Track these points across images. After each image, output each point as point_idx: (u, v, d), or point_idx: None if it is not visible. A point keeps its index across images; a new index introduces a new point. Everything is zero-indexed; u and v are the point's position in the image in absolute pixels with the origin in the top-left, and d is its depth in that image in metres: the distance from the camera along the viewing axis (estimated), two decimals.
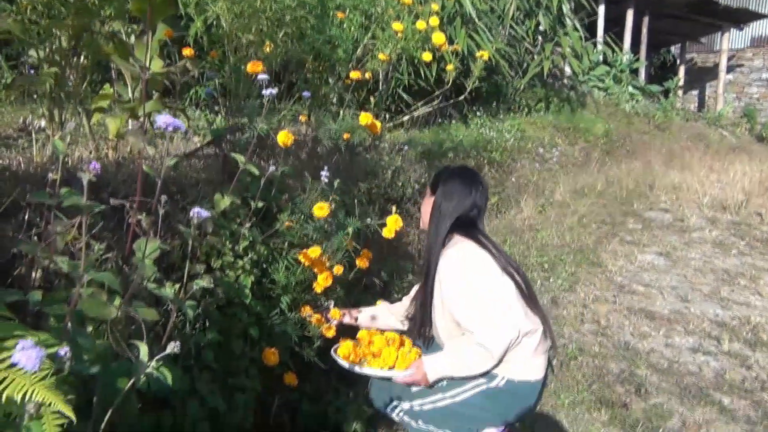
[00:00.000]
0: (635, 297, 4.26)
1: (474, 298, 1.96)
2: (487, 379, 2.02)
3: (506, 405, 2.06)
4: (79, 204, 1.15)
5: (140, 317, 1.28)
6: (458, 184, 2.16)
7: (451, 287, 2.02)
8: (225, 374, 1.88)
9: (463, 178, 2.18)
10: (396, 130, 5.68)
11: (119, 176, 2.14)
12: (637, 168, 8.62)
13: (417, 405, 2.10)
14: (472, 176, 2.21)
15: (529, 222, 5.81)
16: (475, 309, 1.96)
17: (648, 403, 2.86)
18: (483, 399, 2.04)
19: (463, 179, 2.18)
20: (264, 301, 2.12)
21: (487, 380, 2.02)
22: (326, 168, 2.25)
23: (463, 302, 1.98)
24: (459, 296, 2.00)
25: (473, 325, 1.95)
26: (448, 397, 2.07)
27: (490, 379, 2.02)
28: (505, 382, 2.02)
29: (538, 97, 9.17)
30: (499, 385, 2.02)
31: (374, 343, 2.17)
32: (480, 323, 1.94)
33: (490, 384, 2.02)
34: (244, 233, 2.05)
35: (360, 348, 2.16)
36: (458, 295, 2.00)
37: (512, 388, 2.02)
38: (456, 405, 2.05)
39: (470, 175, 2.22)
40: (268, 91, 1.97)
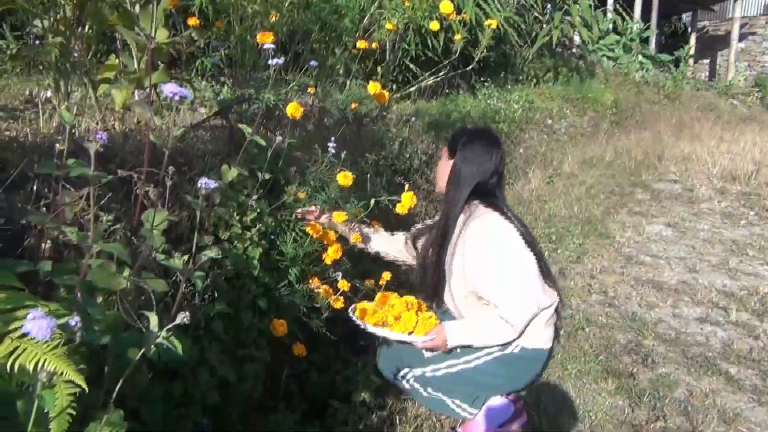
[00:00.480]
0: (643, 268, 4.25)
1: (500, 272, 1.96)
2: (501, 346, 2.04)
3: (518, 372, 2.08)
4: (87, 174, 1.15)
5: (149, 288, 1.28)
6: (479, 148, 2.11)
7: (478, 260, 2.01)
8: (234, 345, 1.89)
9: (484, 141, 2.12)
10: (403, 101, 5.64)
11: (126, 148, 2.14)
12: (646, 138, 8.55)
13: (429, 371, 2.11)
14: (492, 139, 2.15)
15: (536, 193, 5.79)
16: (501, 283, 1.96)
17: (655, 373, 2.88)
18: (497, 365, 2.05)
19: (483, 143, 2.12)
20: (272, 272, 2.12)
21: (502, 347, 2.04)
22: (333, 139, 2.24)
23: (489, 276, 1.98)
24: (485, 269, 1.99)
25: (497, 299, 1.95)
26: (462, 362, 2.08)
27: (504, 346, 2.04)
28: (519, 349, 2.03)
29: (547, 67, 9.07)
30: (514, 352, 2.04)
31: (395, 306, 2.16)
32: (505, 298, 1.95)
33: (504, 351, 2.04)
34: (251, 205, 2.05)
35: (378, 312, 2.15)
36: (484, 269, 1.99)
37: (526, 355, 2.04)
38: (469, 371, 2.07)
39: (491, 138, 2.16)
40: (274, 61, 1.95)
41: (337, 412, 2.21)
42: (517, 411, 2.25)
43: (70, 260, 1.56)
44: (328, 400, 2.26)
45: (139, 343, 1.21)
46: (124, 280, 1.25)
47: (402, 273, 3.15)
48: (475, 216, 2.06)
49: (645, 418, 2.52)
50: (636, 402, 2.63)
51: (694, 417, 2.52)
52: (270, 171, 2.10)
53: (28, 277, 1.36)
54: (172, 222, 1.80)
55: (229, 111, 2.55)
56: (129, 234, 1.62)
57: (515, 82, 8.28)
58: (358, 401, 2.25)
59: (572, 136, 7.82)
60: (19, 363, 0.97)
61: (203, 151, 2.43)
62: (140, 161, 1.96)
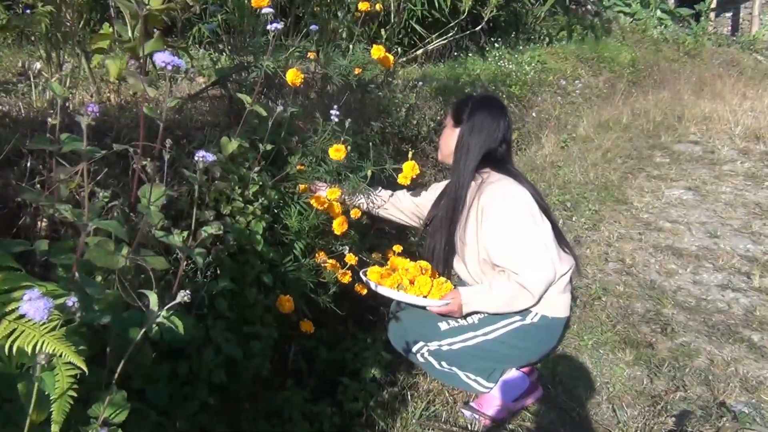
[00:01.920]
0: (662, 234, 4.24)
1: (516, 237, 1.97)
2: (521, 316, 2.05)
3: (536, 342, 2.10)
4: (80, 149, 1.15)
5: (149, 266, 1.29)
6: (486, 116, 2.11)
7: (493, 226, 2.02)
8: (240, 323, 1.91)
9: (491, 109, 2.13)
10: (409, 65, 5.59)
11: (122, 120, 2.14)
12: (665, 98, 8.45)
13: (446, 344, 2.12)
14: (499, 107, 2.16)
15: (550, 158, 5.76)
16: (518, 249, 1.97)
17: (674, 342, 2.88)
18: (516, 336, 2.06)
19: (490, 110, 2.12)
20: (277, 247, 2.13)
21: (522, 317, 2.05)
22: (336, 107, 2.23)
23: (505, 241, 1.99)
24: (501, 235, 2.00)
25: (515, 265, 1.96)
26: (480, 334, 2.09)
27: (524, 316, 2.05)
28: (539, 318, 2.05)
29: (560, 25, 8.95)
30: (534, 321, 2.05)
31: (409, 270, 2.17)
32: (523, 264, 1.96)
33: (524, 321, 2.05)
34: (253, 177, 2.05)
35: (393, 274, 2.16)
36: (500, 234, 2.00)
37: (545, 324, 2.06)
38: (488, 342, 2.08)
39: (497, 106, 2.16)
40: (273, 25, 1.93)
41: (347, 389, 2.23)
42: (532, 384, 2.27)
43: (66, 239, 1.57)
44: (338, 377, 2.28)
45: (140, 323, 1.22)
46: (122, 259, 1.26)
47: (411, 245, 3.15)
48: (488, 182, 2.06)
49: (664, 389, 2.53)
50: (655, 372, 2.64)
51: (716, 386, 2.53)
52: (271, 142, 2.10)
53: (24, 256, 1.37)
54: (171, 197, 1.81)
55: (227, 80, 2.54)
56: (127, 210, 1.63)
57: (527, 42, 8.19)
58: (369, 377, 2.27)
59: (587, 98, 7.73)
60: (17, 345, 0.98)
61: (202, 123, 2.42)
62: (137, 134, 1.96)
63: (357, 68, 2.48)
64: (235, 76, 2.54)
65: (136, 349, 1.23)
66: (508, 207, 2.00)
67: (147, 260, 1.28)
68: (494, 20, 6.91)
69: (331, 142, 2.28)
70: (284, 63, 2.36)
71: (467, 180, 2.10)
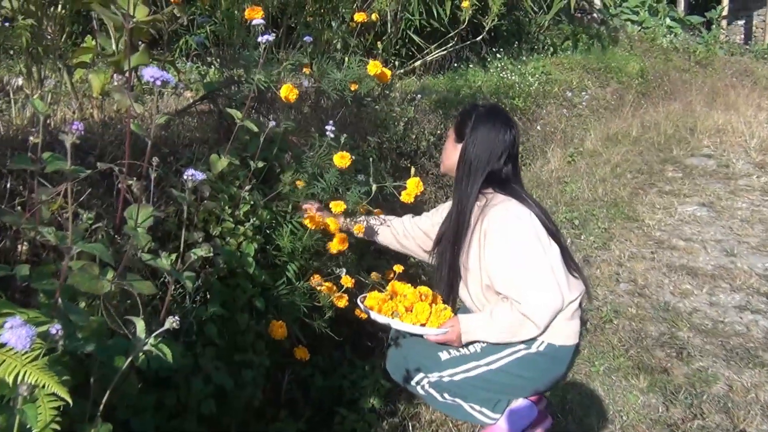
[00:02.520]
0: (675, 253, 4.25)
1: (520, 263, 1.96)
2: (526, 344, 2.04)
3: (543, 371, 2.09)
4: (63, 169, 1.16)
5: (135, 291, 1.29)
6: (489, 130, 2.10)
7: (496, 251, 2.01)
8: (230, 350, 1.91)
9: (494, 123, 2.12)
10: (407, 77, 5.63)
11: (106, 137, 2.15)
12: (676, 110, 8.51)
13: (447, 376, 2.11)
14: (504, 118, 2.14)
15: (556, 174, 5.78)
16: (521, 276, 1.96)
17: (691, 367, 2.88)
18: (520, 365, 2.06)
19: (494, 123, 2.11)
20: (269, 270, 2.13)
21: (527, 345, 2.04)
22: (331, 122, 2.24)
23: (509, 269, 1.98)
24: (504, 262, 1.99)
25: (518, 293, 1.96)
26: (483, 364, 2.08)
27: (529, 344, 2.04)
28: (545, 346, 2.04)
29: (565, 34, 9.03)
30: (540, 350, 2.04)
31: (407, 296, 2.18)
32: (526, 291, 1.95)
33: (530, 349, 2.04)
34: (244, 196, 2.06)
35: (390, 301, 2.16)
36: (503, 261, 1.99)
37: (552, 352, 2.05)
38: (491, 373, 2.07)
39: (502, 117, 2.15)
40: (264, 37, 1.94)
41: (344, 420, 2.22)
42: (541, 413, 2.26)
43: (48, 263, 1.57)
44: (335, 406, 2.27)
45: (126, 351, 1.22)
46: (107, 283, 1.26)
47: (412, 266, 3.15)
48: (491, 204, 2.06)
49: (681, 417, 2.53)
50: (671, 399, 2.64)
51: (735, 414, 2.52)
52: (263, 159, 2.11)
53: (4, 282, 1.37)
54: (158, 218, 1.81)
55: (216, 94, 2.55)
56: (111, 233, 1.63)
57: (530, 52, 8.25)
58: (367, 407, 2.27)
59: (594, 110, 7.79)
60: None
61: (190, 140, 2.44)
62: (122, 152, 1.97)
63: (353, 83, 2.49)
64: (224, 91, 2.56)
65: (122, 379, 1.23)
66: (511, 230, 2.00)
67: (133, 285, 1.29)
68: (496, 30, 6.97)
69: (326, 158, 2.29)
70: (277, 77, 2.38)
71: (471, 201, 2.10)
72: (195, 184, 1.35)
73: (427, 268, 3.39)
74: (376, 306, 2.13)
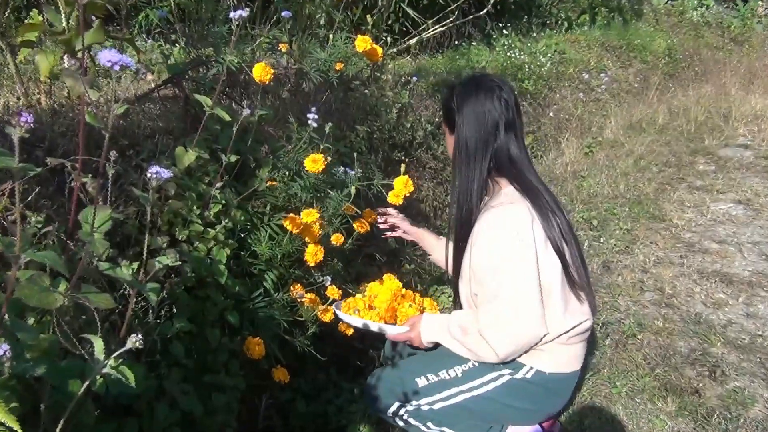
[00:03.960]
0: (708, 257, 4.27)
1: (499, 285, 1.94)
2: (511, 369, 2.05)
3: (535, 400, 2.09)
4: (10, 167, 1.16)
5: (92, 305, 1.29)
6: (475, 104, 2.06)
7: (478, 261, 2.01)
8: (200, 371, 1.91)
9: (477, 91, 2.09)
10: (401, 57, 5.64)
11: (56, 128, 2.15)
12: (708, 93, 8.55)
13: (425, 404, 2.12)
14: (486, 85, 2.09)
15: (572, 167, 5.81)
16: (495, 298, 1.95)
17: (725, 387, 2.90)
18: (506, 393, 2.06)
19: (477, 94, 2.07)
20: (244, 279, 2.14)
21: (512, 370, 2.05)
22: (314, 109, 2.24)
23: (485, 282, 1.98)
24: (483, 274, 1.99)
25: (484, 313, 1.96)
26: (464, 390, 2.09)
27: (514, 369, 2.04)
28: (533, 373, 2.04)
29: (581, 7, 9.06)
30: (527, 377, 2.04)
31: (378, 295, 2.21)
32: (493, 316, 1.94)
33: (515, 375, 2.05)
34: (215, 195, 2.06)
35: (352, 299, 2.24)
36: (482, 273, 1.99)
37: (542, 381, 2.05)
38: (474, 400, 2.08)
39: (484, 83, 2.11)
40: (237, 12, 1.95)
41: None
42: None
43: None
44: None
45: (81, 374, 1.22)
46: (59, 296, 1.26)
47: (406, 273, 3.17)
48: (492, 203, 2.05)
49: None
50: (702, 425, 2.66)
51: None
52: (236, 152, 2.11)
53: None
54: (117, 221, 1.81)
55: (182, 77, 2.55)
56: (64, 238, 1.63)
57: (542, 27, 8.28)
58: None
59: (615, 94, 7.82)
60: None
61: (152, 130, 2.44)
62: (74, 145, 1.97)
63: (338, 63, 2.50)
64: (191, 73, 2.56)
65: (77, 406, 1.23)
66: (500, 244, 1.94)
67: (89, 298, 1.29)
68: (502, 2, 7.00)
69: (307, 151, 2.29)
70: (250, 57, 2.38)
71: (475, 193, 2.09)
72: (159, 182, 1.36)
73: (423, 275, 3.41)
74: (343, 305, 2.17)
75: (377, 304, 2.17)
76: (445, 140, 2.31)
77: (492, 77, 2.16)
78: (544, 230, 1.98)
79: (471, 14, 5.68)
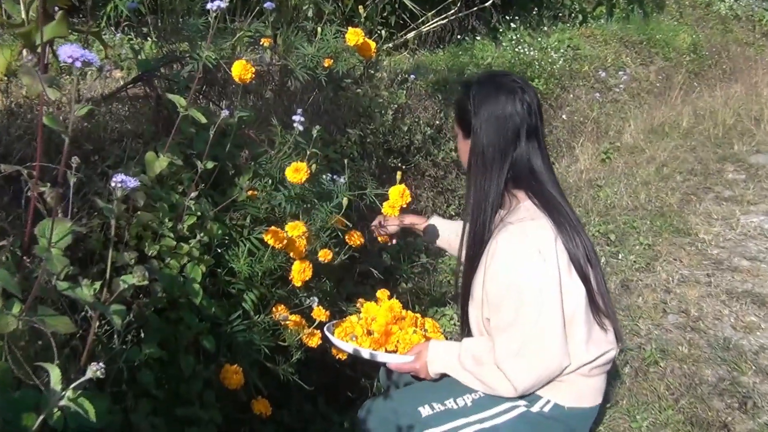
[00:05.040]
0: (737, 275, 4.27)
1: (519, 314, 1.93)
2: (527, 401, 2.04)
3: None
4: None
5: (49, 329, 1.28)
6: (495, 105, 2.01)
7: (497, 282, 1.99)
8: (171, 402, 1.90)
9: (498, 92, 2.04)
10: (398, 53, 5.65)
11: (12, 131, 2.14)
12: (737, 94, 8.58)
13: None
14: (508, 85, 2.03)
15: (587, 175, 5.81)
16: (516, 325, 1.93)
17: (757, 421, 2.89)
18: (520, 426, 2.05)
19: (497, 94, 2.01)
20: (221, 299, 2.13)
21: (528, 402, 2.04)
22: (300, 111, 2.24)
23: (504, 307, 1.96)
24: (502, 297, 1.97)
25: (502, 344, 1.95)
26: (474, 422, 2.08)
27: (531, 402, 2.03)
28: (551, 407, 2.03)
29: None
30: (544, 411, 2.04)
31: (377, 319, 2.19)
32: (512, 346, 1.93)
33: (531, 408, 2.04)
34: (189, 206, 2.05)
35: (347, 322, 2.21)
36: (501, 296, 1.97)
37: (560, 416, 2.04)
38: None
39: (506, 83, 2.06)
40: (215, 3, 1.94)
41: None
42: None
43: None
44: None
45: (36, 406, 1.21)
46: (13, 320, 1.26)
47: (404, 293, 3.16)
48: (510, 219, 2.03)
49: None
50: None
51: None
52: (213, 158, 2.10)
53: None
54: (79, 235, 1.80)
55: (153, 75, 2.55)
56: (19, 254, 1.63)
57: (553, 20, 8.31)
58: None
59: (635, 95, 7.84)
60: None
61: (120, 133, 2.43)
62: (32, 150, 1.96)
63: (327, 59, 2.50)
64: (164, 70, 2.56)
65: None
66: (520, 269, 1.91)
67: (46, 321, 1.28)
68: None
69: (292, 157, 2.29)
70: (229, 52, 2.38)
71: (490, 207, 2.07)
72: (126, 192, 1.35)
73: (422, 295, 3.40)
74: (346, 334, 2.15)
75: (375, 328, 2.15)
76: (456, 143, 2.29)
77: (514, 77, 2.11)
78: (568, 251, 1.95)
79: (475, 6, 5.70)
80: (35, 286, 1.31)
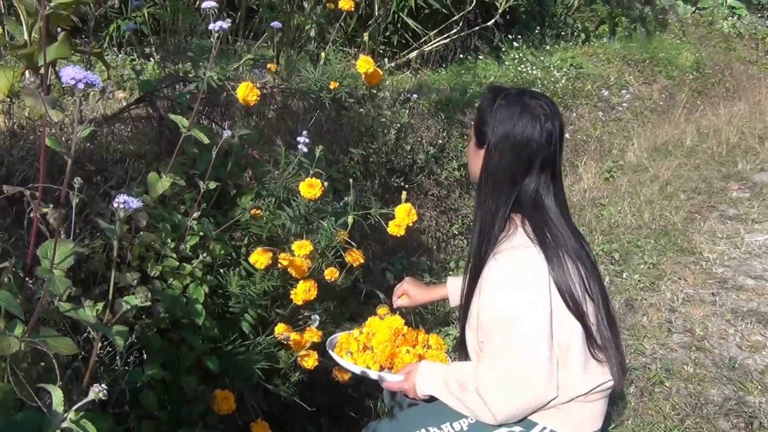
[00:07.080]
0: (743, 294, 4.26)
1: (507, 338, 1.90)
2: (522, 428, 2.02)
3: None
4: None
5: (51, 350, 1.29)
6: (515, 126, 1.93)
7: (487, 310, 1.98)
8: (174, 424, 1.89)
9: (522, 112, 1.98)
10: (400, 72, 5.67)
11: (15, 152, 2.15)
12: (741, 112, 8.59)
13: None
14: (534, 108, 1.99)
15: (591, 194, 5.82)
16: (500, 354, 1.92)
17: None
18: None
19: (521, 115, 1.97)
20: (224, 320, 2.12)
21: (523, 429, 2.02)
22: (305, 133, 2.24)
23: (494, 334, 1.95)
24: (491, 325, 1.96)
25: (486, 371, 1.94)
26: None
27: (526, 428, 2.02)
28: None
29: (600, 17, 9.12)
30: None
31: (376, 335, 2.19)
32: (494, 374, 1.91)
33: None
34: (191, 226, 2.05)
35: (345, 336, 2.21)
36: (490, 324, 1.96)
37: None
38: None
39: (533, 105, 1.99)
40: (218, 24, 1.95)
41: None
42: None
43: None
44: None
45: (38, 428, 1.21)
46: (15, 341, 1.26)
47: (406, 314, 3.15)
48: (506, 245, 2.01)
49: None
50: None
51: None
52: (215, 178, 2.11)
53: None
54: (82, 256, 1.81)
55: (156, 95, 2.56)
56: (22, 275, 1.63)
57: (556, 39, 8.33)
58: None
59: (638, 113, 7.85)
60: None
61: (122, 154, 2.44)
62: (35, 171, 1.97)
63: (333, 82, 2.50)
64: (166, 91, 2.57)
65: None
66: (510, 299, 1.90)
67: (48, 342, 1.28)
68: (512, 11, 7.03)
69: (296, 176, 2.29)
70: (233, 74, 2.39)
71: (495, 229, 2.04)
72: (129, 213, 1.35)
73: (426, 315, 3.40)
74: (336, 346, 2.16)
75: (375, 344, 2.15)
76: (465, 147, 2.27)
77: (544, 102, 2.02)
78: (559, 283, 1.93)
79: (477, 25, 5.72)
80: (37, 308, 1.32)
